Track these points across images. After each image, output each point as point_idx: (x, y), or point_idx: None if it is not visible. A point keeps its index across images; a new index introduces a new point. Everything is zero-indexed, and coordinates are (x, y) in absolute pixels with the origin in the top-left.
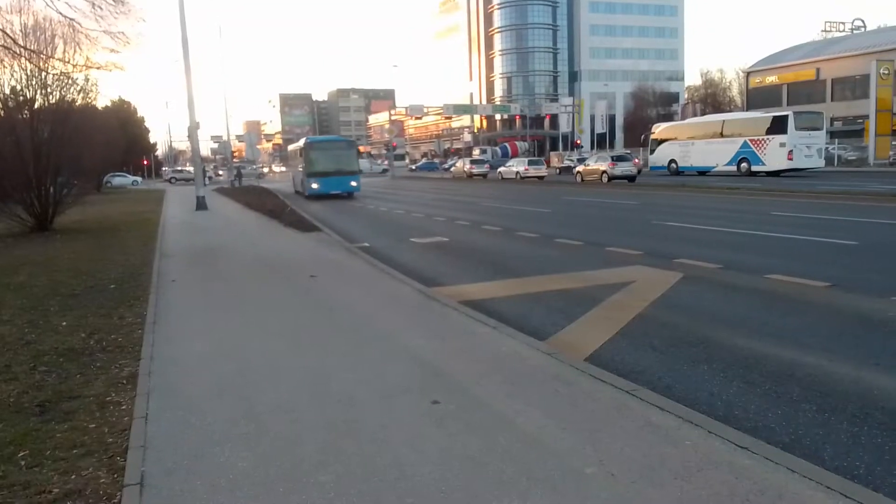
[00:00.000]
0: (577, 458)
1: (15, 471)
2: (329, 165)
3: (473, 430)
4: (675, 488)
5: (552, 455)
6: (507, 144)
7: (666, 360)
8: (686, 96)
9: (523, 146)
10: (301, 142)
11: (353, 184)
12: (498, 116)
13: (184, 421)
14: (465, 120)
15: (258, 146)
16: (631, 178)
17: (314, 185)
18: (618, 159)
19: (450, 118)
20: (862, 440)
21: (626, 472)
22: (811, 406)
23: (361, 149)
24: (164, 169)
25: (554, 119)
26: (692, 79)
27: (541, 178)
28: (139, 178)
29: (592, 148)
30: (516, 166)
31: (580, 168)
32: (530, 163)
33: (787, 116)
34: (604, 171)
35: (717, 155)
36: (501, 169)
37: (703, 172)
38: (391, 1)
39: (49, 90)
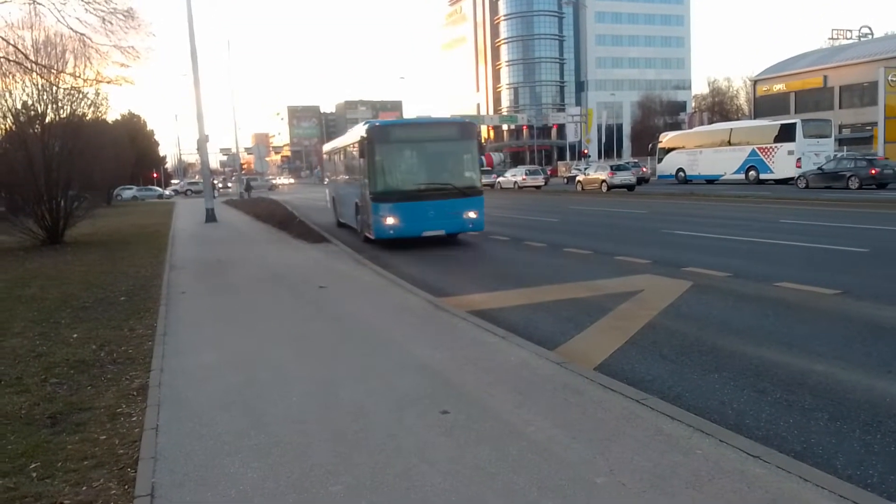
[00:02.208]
0: (588, 468)
1: (27, 482)
2: (419, 175)
3: (483, 440)
4: (686, 498)
5: (562, 465)
6: (482, 157)
7: (676, 369)
8: (693, 105)
9: (498, 157)
10: (359, 128)
11: (472, 214)
12: (505, 127)
13: (194, 432)
14: None
15: (267, 158)
16: (630, 187)
17: (388, 220)
18: (617, 169)
19: None
20: (875, 448)
21: (636, 481)
22: (823, 414)
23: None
24: (173, 181)
25: (561, 129)
26: (699, 87)
27: (538, 187)
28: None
29: (600, 157)
30: (514, 176)
31: (580, 177)
32: (528, 172)
33: (795, 124)
34: (603, 181)
35: (725, 163)
36: (500, 179)
37: (711, 181)
38: (398, 13)
39: (60, 104)
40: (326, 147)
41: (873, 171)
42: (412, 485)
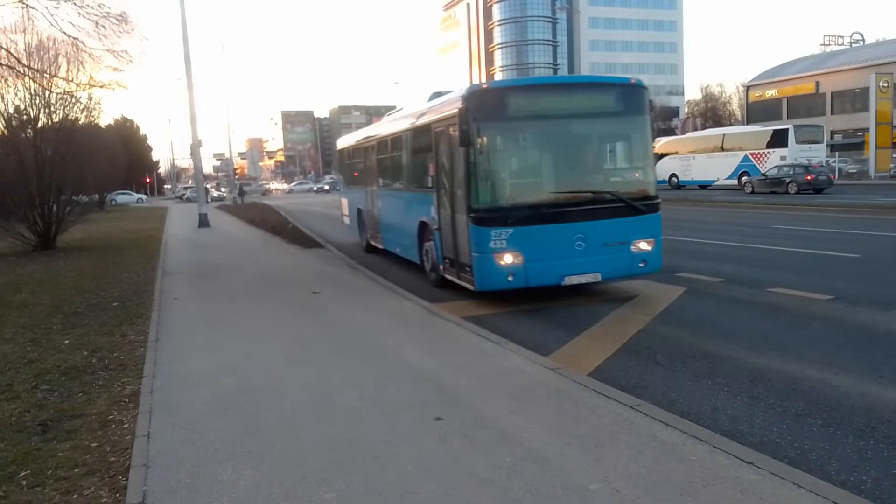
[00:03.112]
0: (582, 475)
1: (16, 490)
2: (556, 177)
3: (477, 447)
4: None
5: (557, 471)
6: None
7: (670, 375)
8: (686, 111)
9: None
10: (444, 99)
11: (644, 245)
12: None
13: (186, 439)
14: None
15: (260, 163)
16: None
17: (505, 258)
18: None
19: None
20: (868, 454)
21: (631, 488)
22: (816, 420)
23: None
24: (166, 186)
25: None
26: (692, 93)
27: None
28: (143, 196)
29: None
30: None
31: None
32: None
33: (787, 130)
34: None
35: (718, 168)
36: None
37: (703, 186)
38: (393, 18)
39: (52, 109)
40: (350, 139)
41: (809, 178)
42: (406, 492)
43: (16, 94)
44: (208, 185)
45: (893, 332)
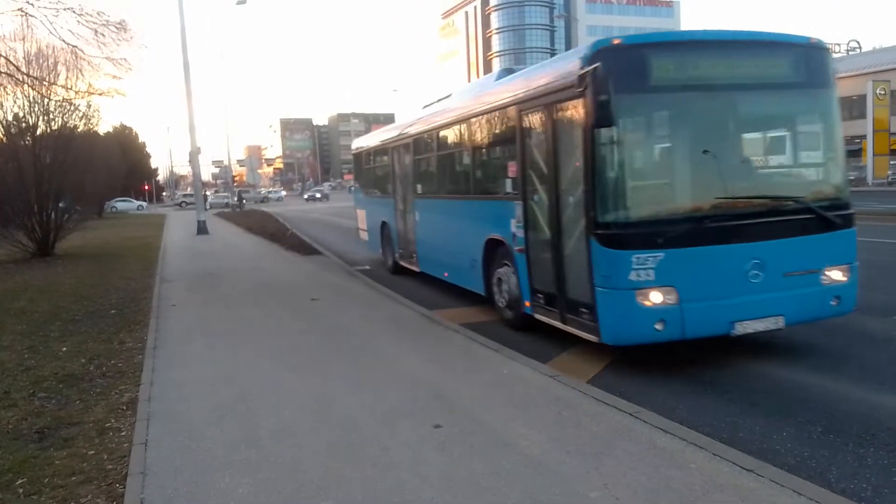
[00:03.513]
0: (582, 482)
1: (13, 498)
2: (719, 175)
3: (476, 454)
4: None
5: (556, 479)
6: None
7: (669, 382)
8: None
9: None
10: (550, 71)
11: (837, 274)
12: None
13: (184, 446)
14: None
15: (259, 171)
16: None
17: (651, 297)
18: None
19: None
20: (868, 461)
21: (631, 495)
22: (816, 427)
23: None
24: (164, 194)
25: None
26: None
27: None
28: (144, 203)
29: None
30: None
31: None
32: None
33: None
34: None
35: None
36: None
37: None
38: (391, 25)
39: (51, 116)
40: (372, 139)
41: None
42: (404, 499)
43: (15, 102)
44: (208, 192)
45: (893, 338)
